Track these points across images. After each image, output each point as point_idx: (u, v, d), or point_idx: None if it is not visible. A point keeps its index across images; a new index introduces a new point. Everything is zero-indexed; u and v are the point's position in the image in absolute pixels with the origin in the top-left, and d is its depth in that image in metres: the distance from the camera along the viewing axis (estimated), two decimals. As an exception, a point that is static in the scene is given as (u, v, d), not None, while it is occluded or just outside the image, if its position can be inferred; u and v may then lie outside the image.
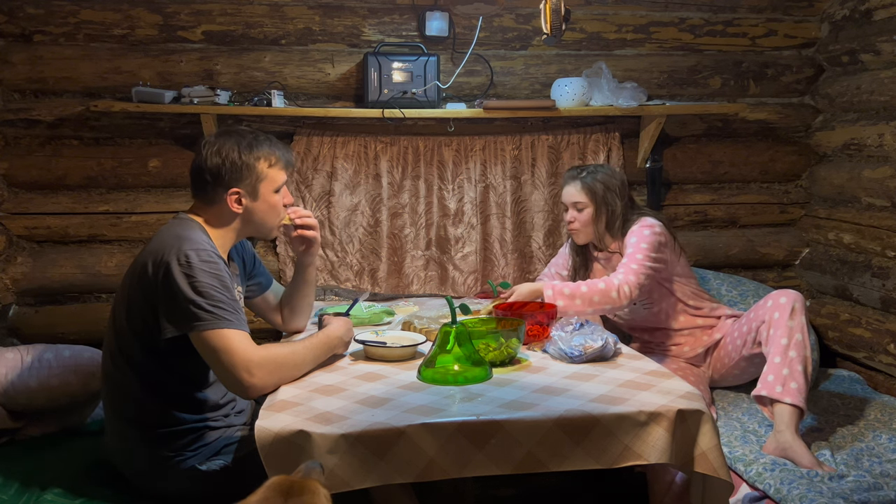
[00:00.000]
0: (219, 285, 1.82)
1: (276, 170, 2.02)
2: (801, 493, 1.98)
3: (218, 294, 1.81)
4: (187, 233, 1.88)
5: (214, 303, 1.79)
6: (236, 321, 1.82)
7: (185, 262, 1.80)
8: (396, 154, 3.02)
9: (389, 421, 1.67)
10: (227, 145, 1.97)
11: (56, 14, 2.78)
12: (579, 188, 2.63)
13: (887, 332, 2.91)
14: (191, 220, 1.97)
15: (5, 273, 2.86)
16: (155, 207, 2.94)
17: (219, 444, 1.94)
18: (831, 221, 3.22)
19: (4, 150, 2.84)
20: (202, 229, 1.96)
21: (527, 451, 1.68)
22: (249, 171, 1.97)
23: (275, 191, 2.03)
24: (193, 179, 2.01)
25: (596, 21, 3.11)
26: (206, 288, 1.79)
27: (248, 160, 1.96)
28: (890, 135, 2.88)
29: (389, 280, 3.07)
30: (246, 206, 1.99)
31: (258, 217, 2.02)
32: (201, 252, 1.83)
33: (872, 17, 2.94)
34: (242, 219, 2.01)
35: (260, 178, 1.98)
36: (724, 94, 3.26)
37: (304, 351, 1.95)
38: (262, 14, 2.90)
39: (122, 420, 1.94)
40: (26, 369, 2.35)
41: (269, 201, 2.02)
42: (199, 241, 1.87)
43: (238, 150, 1.96)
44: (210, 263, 1.83)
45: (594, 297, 2.42)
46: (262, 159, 1.99)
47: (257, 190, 1.99)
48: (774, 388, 2.27)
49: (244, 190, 1.97)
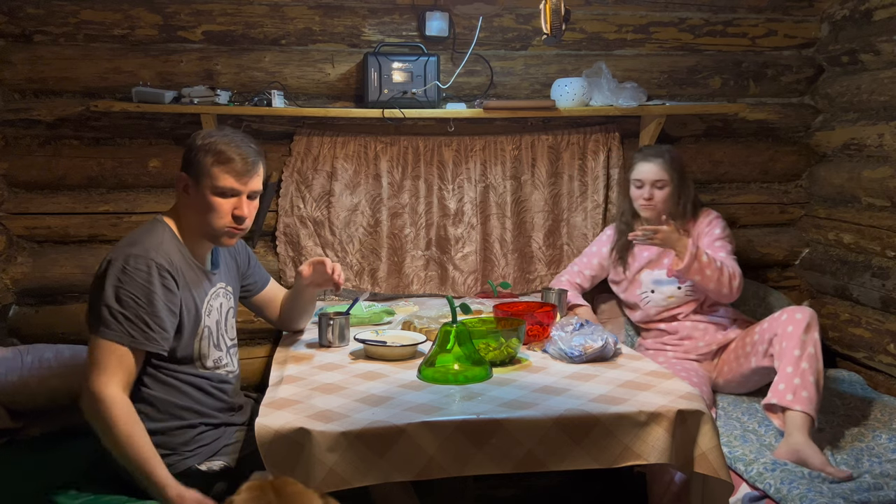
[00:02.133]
0: (142, 298, 1.80)
1: (219, 170, 1.90)
2: (801, 493, 1.98)
3: (136, 306, 1.79)
4: (139, 237, 1.88)
5: (128, 314, 1.78)
6: (138, 339, 1.79)
7: (122, 266, 1.80)
8: (396, 154, 3.02)
9: (390, 419, 1.67)
10: (204, 131, 1.98)
11: (56, 14, 2.78)
12: (662, 166, 2.71)
13: (887, 332, 2.91)
14: (158, 223, 1.96)
15: (5, 273, 2.86)
16: (155, 207, 2.94)
17: (218, 444, 1.94)
18: (831, 221, 3.23)
19: (4, 150, 2.84)
20: (167, 232, 1.94)
21: (526, 451, 1.69)
22: (198, 161, 1.92)
23: (213, 191, 1.91)
24: None
25: (596, 21, 3.12)
26: (127, 297, 1.79)
27: (201, 150, 1.92)
28: (890, 135, 2.88)
29: (389, 280, 3.07)
30: (190, 195, 1.95)
31: (195, 211, 1.94)
32: (139, 259, 1.81)
33: (872, 17, 2.94)
34: (188, 210, 1.96)
35: (203, 171, 1.91)
36: (724, 94, 3.26)
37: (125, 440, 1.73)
38: (262, 14, 2.90)
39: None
40: (26, 369, 2.35)
41: (206, 199, 1.91)
42: (147, 247, 1.85)
43: (203, 138, 1.94)
44: (143, 273, 1.81)
45: (723, 277, 2.57)
46: (212, 154, 1.90)
47: (200, 182, 1.92)
48: (785, 397, 2.26)
49: (190, 178, 1.93)
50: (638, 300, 2.80)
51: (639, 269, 2.80)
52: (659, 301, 2.76)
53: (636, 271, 2.80)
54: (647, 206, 2.74)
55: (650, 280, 2.77)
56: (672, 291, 2.73)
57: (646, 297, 2.78)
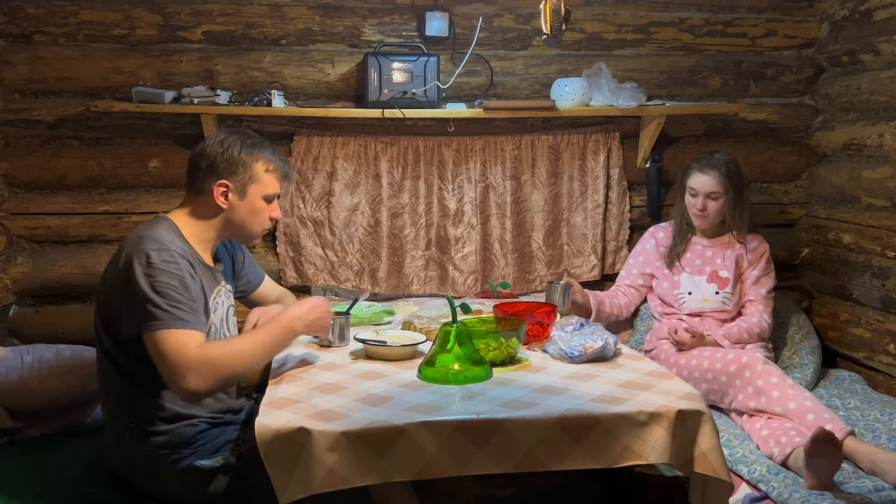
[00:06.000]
0: (177, 284, 1.80)
1: (270, 176, 2.00)
2: (803, 497, 1.98)
3: (174, 293, 1.78)
4: (150, 232, 1.87)
5: (171, 302, 1.77)
6: (192, 321, 1.79)
7: (147, 262, 1.79)
8: (396, 154, 3.02)
9: (390, 419, 1.67)
10: (231, 139, 1.98)
11: (56, 14, 2.79)
12: (718, 178, 2.71)
13: (887, 332, 2.91)
14: (162, 220, 1.96)
15: (5, 273, 2.86)
16: (155, 207, 2.94)
17: (218, 442, 1.94)
18: (831, 221, 3.22)
19: (4, 150, 2.84)
20: (173, 228, 1.94)
21: (527, 451, 1.69)
22: (245, 168, 1.96)
23: (264, 197, 2.00)
24: (189, 167, 2.01)
25: (596, 21, 3.12)
26: (164, 287, 1.78)
27: (247, 157, 1.97)
28: (890, 135, 2.88)
29: (389, 280, 3.07)
30: (231, 202, 1.97)
31: (240, 217, 1.99)
32: (162, 252, 1.81)
33: (872, 17, 2.94)
34: (225, 216, 1.99)
35: (253, 178, 1.97)
36: (724, 94, 3.26)
37: (250, 346, 1.86)
38: (262, 14, 2.90)
39: (116, 419, 1.94)
40: (26, 369, 2.35)
41: (255, 205, 1.99)
42: (162, 240, 1.85)
43: (240, 146, 1.97)
44: (170, 263, 1.81)
45: (752, 337, 2.71)
46: (261, 161, 1.98)
47: (246, 189, 1.98)
48: (783, 449, 2.21)
49: (233, 185, 1.96)
50: (673, 300, 2.83)
51: (681, 271, 2.83)
52: (693, 304, 2.80)
53: (678, 273, 2.83)
54: (699, 216, 2.76)
55: (690, 283, 2.80)
56: (710, 296, 2.77)
57: (682, 298, 2.81)
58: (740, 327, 2.71)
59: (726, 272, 2.77)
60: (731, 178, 2.72)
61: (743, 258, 2.79)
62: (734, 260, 2.78)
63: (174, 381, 1.74)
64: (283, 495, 1.62)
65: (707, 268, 2.80)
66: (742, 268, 2.79)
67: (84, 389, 2.38)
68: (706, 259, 2.81)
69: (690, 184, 2.76)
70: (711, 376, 2.49)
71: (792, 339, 2.97)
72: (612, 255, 3.21)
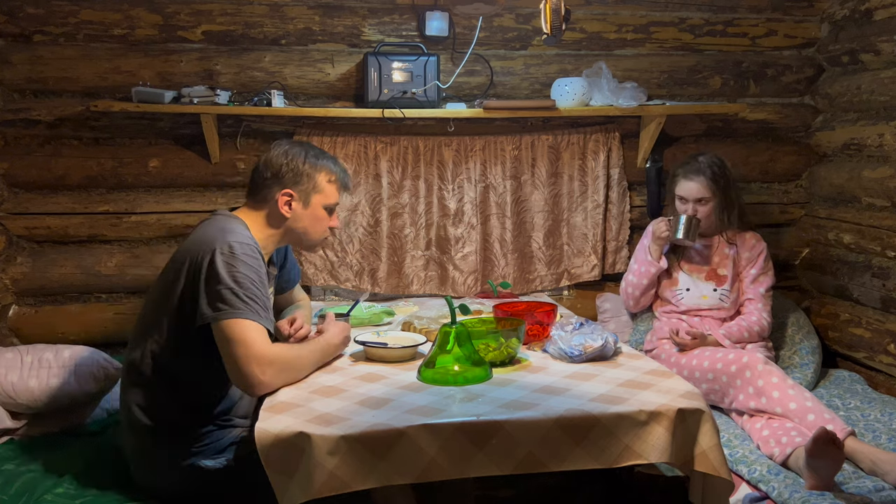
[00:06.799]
0: (256, 279, 1.86)
1: (332, 187, 2.10)
2: (803, 497, 1.98)
3: (253, 287, 1.84)
4: (231, 226, 1.93)
5: (249, 294, 1.83)
6: (264, 317, 1.85)
7: (229, 251, 1.85)
8: (396, 154, 3.02)
9: (390, 422, 1.66)
10: (295, 150, 2.07)
11: (56, 14, 2.78)
12: (703, 183, 2.73)
13: (887, 332, 2.91)
14: (233, 217, 2.02)
15: (5, 273, 2.86)
16: (155, 207, 2.94)
17: (223, 442, 1.95)
18: (831, 221, 3.22)
19: (4, 150, 2.83)
20: (245, 226, 1.99)
21: (527, 451, 1.68)
22: (309, 178, 2.05)
23: (325, 206, 2.10)
24: (252, 177, 2.09)
25: (596, 21, 3.11)
26: (244, 279, 1.83)
27: (311, 169, 2.06)
28: (890, 135, 2.88)
29: (389, 280, 3.07)
30: (295, 210, 2.05)
31: (302, 225, 2.08)
32: (245, 245, 1.88)
33: (872, 17, 2.94)
34: (288, 224, 2.07)
35: (317, 188, 2.07)
36: (724, 94, 3.26)
37: (308, 354, 1.98)
38: (262, 14, 2.90)
39: (137, 417, 1.93)
40: (26, 369, 2.35)
41: (318, 214, 2.09)
42: (242, 234, 1.92)
43: (305, 157, 2.06)
44: (251, 257, 1.88)
45: (752, 335, 2.71)
46: (324, 172, 2.08)
47: (310, 198, 2.06)
48: (784, 449, 2.21)
49: (297, 194, 2.04)
50: (672, 296, 2.84)
51: (679, 268, 2.84)
52: (691, 301, 2.81)
53: (676, 269, 2.85)
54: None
55: (687, 280, 2.82)
56: (708, 293, 2.78)
57: (680, 294, 2.82)
58: (740, 326, 2.71)
59: (724, 270, 2.78)
60: (717, 181, 2.74)
61: (739, 257, 2.80)
62: (731, 258, 2.79)
63: (243, 370, 1.79)
64: (283, 500, 1.62)
65: (705, 266, 2.81)
66: (739, 266, 2.80)
67: (83, 390, 2.38)
68: (704, 257, 2.83)
69: (678, 192, 2.78)
70: (712, 376, 2.49)
71: (792, 339, 2.97)
72: (613, 254, 3.21)
